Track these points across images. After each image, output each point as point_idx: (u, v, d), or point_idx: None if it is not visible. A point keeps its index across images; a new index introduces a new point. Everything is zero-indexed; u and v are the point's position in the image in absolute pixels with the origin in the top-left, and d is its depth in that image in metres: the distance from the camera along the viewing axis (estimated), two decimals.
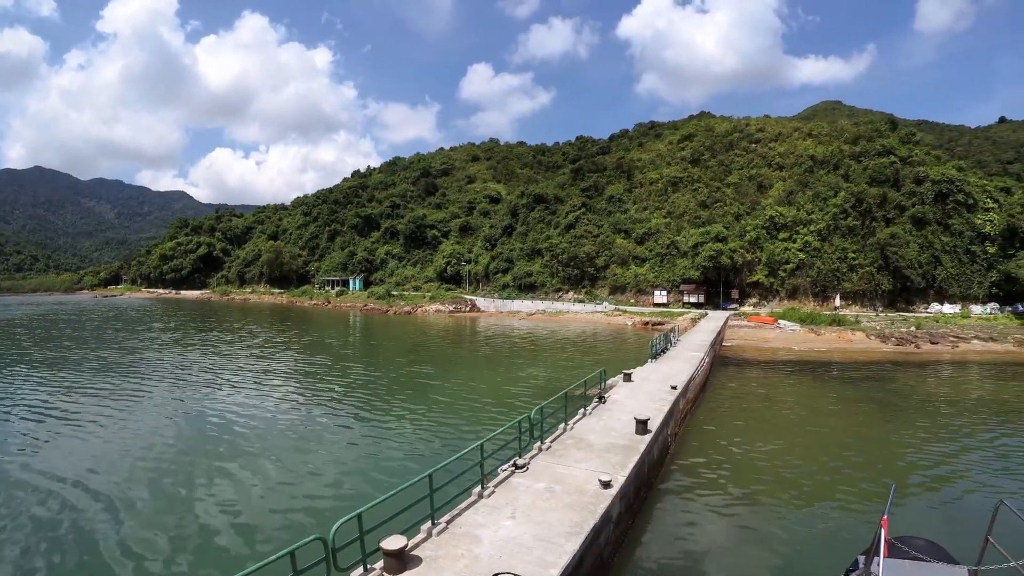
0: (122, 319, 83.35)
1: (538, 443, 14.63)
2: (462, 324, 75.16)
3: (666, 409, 18.79)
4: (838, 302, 68.97)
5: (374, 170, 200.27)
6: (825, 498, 16.31)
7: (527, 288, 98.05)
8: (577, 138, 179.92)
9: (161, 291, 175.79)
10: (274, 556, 7.12)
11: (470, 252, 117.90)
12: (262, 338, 57.44)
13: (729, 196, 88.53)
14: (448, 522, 10.17)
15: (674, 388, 21.69)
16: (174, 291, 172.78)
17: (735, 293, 76.76)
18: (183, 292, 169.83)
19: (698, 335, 42.06)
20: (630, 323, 68.59)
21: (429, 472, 9.99)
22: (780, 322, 57.55)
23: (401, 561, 8.50)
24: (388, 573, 8.44)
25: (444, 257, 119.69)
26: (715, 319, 56.05)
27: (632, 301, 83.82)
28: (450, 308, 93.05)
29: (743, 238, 78.38)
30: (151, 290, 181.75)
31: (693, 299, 77.03)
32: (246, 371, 37.57)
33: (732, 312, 67.31)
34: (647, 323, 66.15)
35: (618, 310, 77.06)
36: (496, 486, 11.99)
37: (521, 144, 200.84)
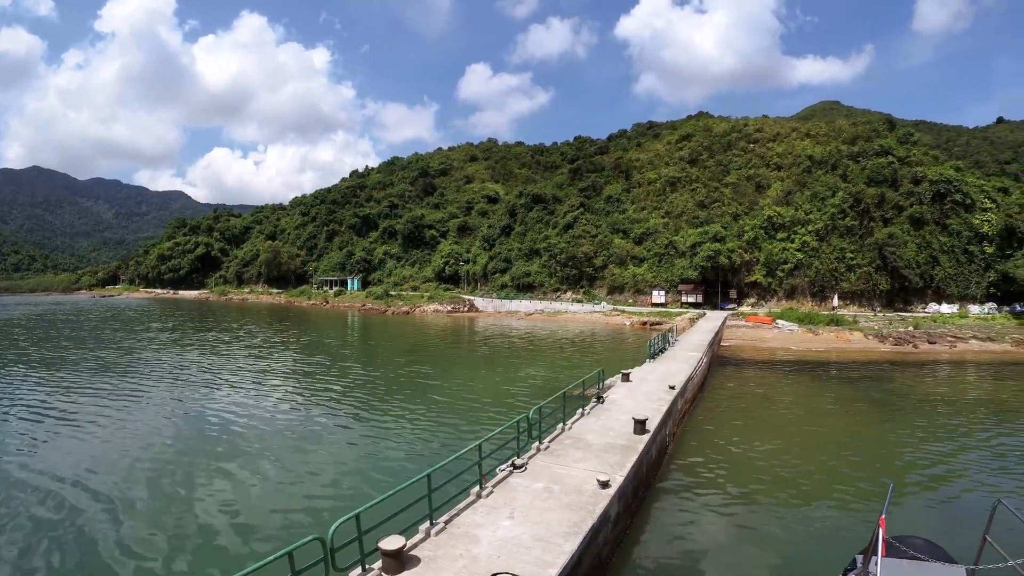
0: (120, 319, 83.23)
1: (536, 443, 14.62)
2: (460, 324, 75.14)
3: (664, 409, 18.79)
4: (836, 302, 69.08)
5: (372, 170, 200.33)
6: (823, 498, 16.33)
7: (525, 288, 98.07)
8: (575, 138, 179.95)
9: (159, 291, 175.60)
10: (272, 556, 7.10)
11: (468, 252, 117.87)
12: (260, 338, 57.39)
13: (727, 196, 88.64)
14: (446, 522, 10.16)
15: (672, 388, 21.68)
16: (172, 291, 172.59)
17: (733, 293, 76.85)
18: (181, 292, 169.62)
19: (696, 335, 42.08)
20: (628, 323, 68.62)
21: (427, 472, 9.98)
22: (778, 322, 57.62)
23: (399, 561, 8.49)
24: (386, 573, 8.42)
25: (442, 257, 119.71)
26: (713, 319, 56.07)
27: (630, 301, 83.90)
28: (448, 308, 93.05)
29: (741, 238, 78.52)
30: (149, 290, 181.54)
31: (691, 299, 77.11)
32: (244, 371, 37.54)
33: (730, 312, 67.36)
34: (645, 323, 66.19)
35: (616, 310, 77.10)
36: (494, 486, 11.98)
37: (519, 144, 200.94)
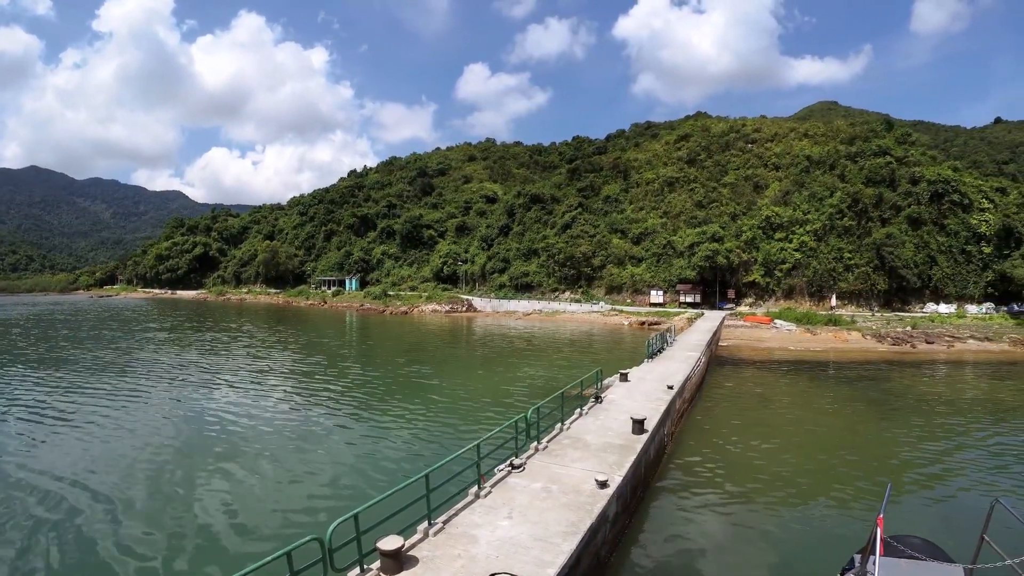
0: (118, 319, 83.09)
1: (535, 443, 14.61)
2: (458, 324, 75.11)
3: (663, 409, 18.79)
4: (834, 302, 69.14)
5: (370, 170, 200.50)
6: (821, 497, 16.35)
7: (524, 288, 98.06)
8: (574, 138, 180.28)
9: (157, 291, 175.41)
10: (271, 556, 7.09)
11: (466, 252, 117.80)
12: (258, 338, 57.34)
13: (725, 196, 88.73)
14: (445, 522, 10.15)
15: (670, 388, 21.68)
16: (170, 291, 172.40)
17: (731, 293, 76.89)
18: (179, 292, 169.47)
19: (694, 335, 42.09)
20: (626, 323, 68.64)
21: (426, 472, 9.96)
22: (776, 322, 57.68)
23: (398, 561, 8.48)
24: (385, 573, 8.41)
25: (440, 257, 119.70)
26: (711, 319, 56.10)
27: (628, 301, 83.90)
28: (446, 308, 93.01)
29: (739, 238, 78.58)
30: (147, 290, 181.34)
31: (689, 299, 77.13)
32: (243, 371, 37.50)
33: (728, 312, 67.40)
34: (643, 323, 66.22)
35: (614, 310, 77.11)
36: (493, 486, 11.97)
37: (517, 144, 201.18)
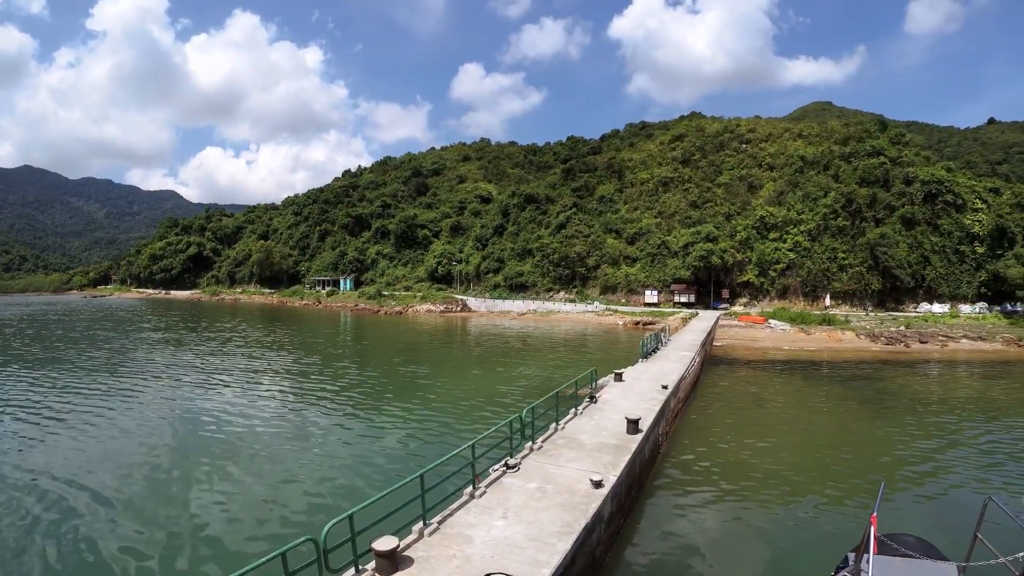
0: (112, 319, 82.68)
1: (529, 443, 14.60)
2: (453, 324, 75.05)
3: (657, 408, 18.82)
4: (828, 302, 69.38)
5: (365, 170, 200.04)
6: (815, 496, 16.40)
7: (518, 288, 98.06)
8: (568, 138, 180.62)
9: (151, 291, 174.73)
10: (265, 558, 7.07)
11: (461, 252, 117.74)
12: (253, 338, 57.15)
13: (720, 196, 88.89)
14: (440, 522, 10.13)
15: (665, 387, 21.70)
16: (164, 291, 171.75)
17: (725, 293, 77.09)
18: (173, 292, 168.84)
19: (689, 335, 42.17)
20: (621, 323, 68.73)
21: (420, 472, 9.94)
22: (770, 322, 57.86)
23: (393, 562, 8.46)
24: (380, 574, 8.39)
25: (435, 257, 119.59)
26: (706, 319, 56.24)
27: (623, 301, 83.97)
28: (441, 308, 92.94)
29: (733, 238, 78.81)
30: (141, 290, 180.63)
31: (684, 299, 77.28)
32: (237, 371, 37.37)
33: (722, 312, 67.58)
34: (638, 323, 66.32)
35: (609, 310, 77.19)
36: (488, 486, 11.96)
37: (512, 144, 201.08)
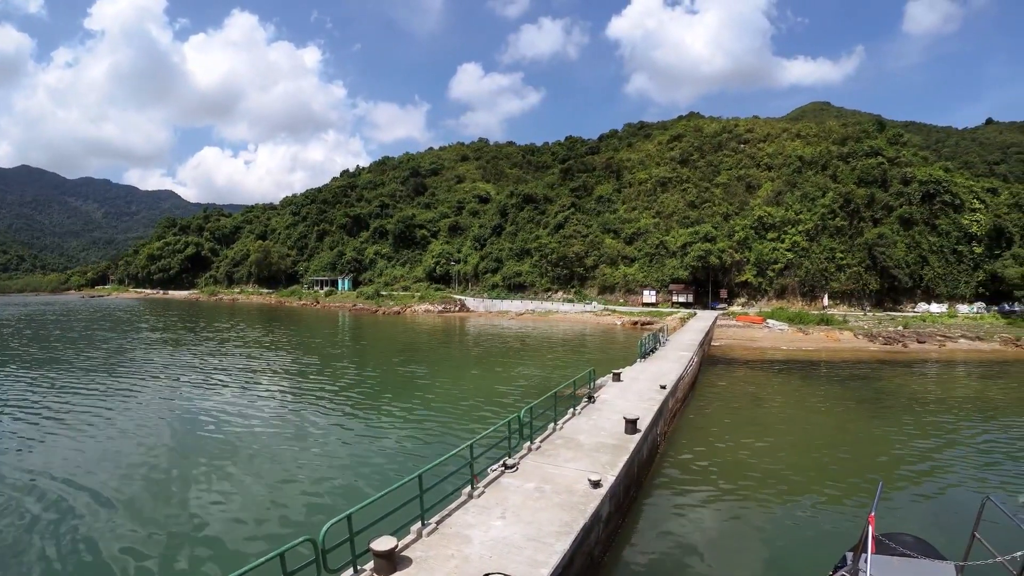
0: (110, 320, 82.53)
1: (528, 443, 14.59)
2: (451, 324, 75.02)
3: (655, 408, 18.82)
4: (826, 302, 69.46)
5: (363, 170, 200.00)
6: (813, 496, 16.42)
7: (516, 288, 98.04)
8: (566, 138, 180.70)
9: (149, 291, 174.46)
10: (264, 558, 7.06)
11: (459, 252, 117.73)
12: (251, 338, 57.08)
13: (718, 196, 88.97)
14: (438, 522, 10.13)
15: (663, 387, 21.70)
16: (162, 291, 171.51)
17: (724, 293, 77.11)
18: (171, 292, 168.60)
19: (687, 335, 42.20)
20: (619, 323, 68.74)
21: (419, 472, 9.93)
22: (768, 322, 57.89)
23: (391, 562, 8.45)
24: (378, 574, 8.39)
25: (433, 257, 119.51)
26: (704, 319, 56.27)
27: (621, 301, 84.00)
28: (439, 308, 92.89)
29: (732, 238, 78.85)
30: (139, 290, 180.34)
31: (682, 299, 77.31)
32: (236, 371, 37.33)
33: (721, 312, 67.61)
34: (636, 323, 66.33)
35: (607, 310, 77.20)
36: (486, 486, 11.95)
37: (510, 144, 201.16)
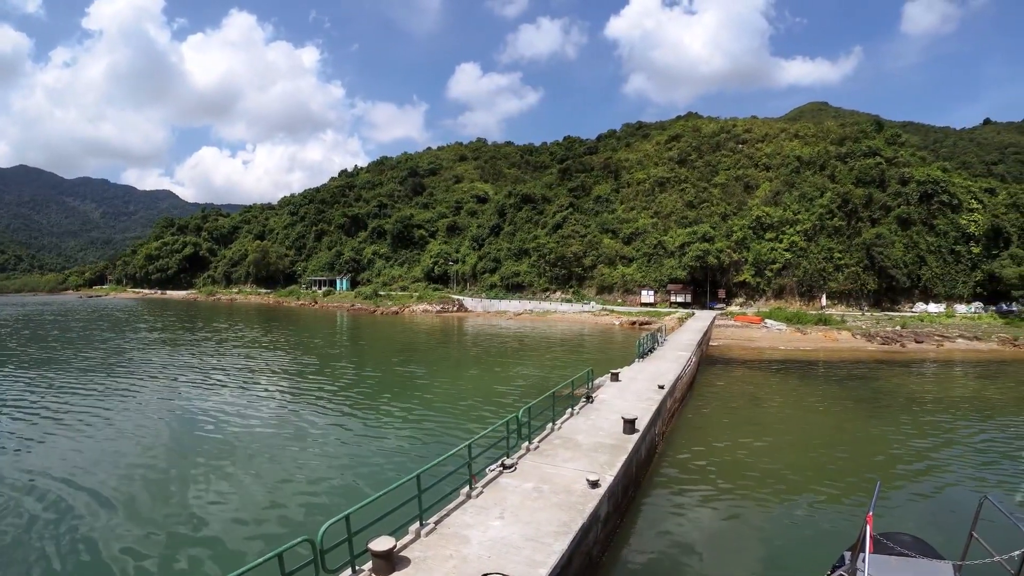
0: (108, 320, 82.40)
1: (526, 443, 14.61)
2: (450, 324, 74.99)
3: (654, 408, 18.85)
4: (824, 302, 69.51)
5: (361, 169, 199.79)
6: (811, 495, 16.45)
7: (515, 288, 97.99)
8: (565, 138, 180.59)
9: (147, 291, 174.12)
10: (262, 558, 7.06)
11: (457, 252, 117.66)
12: (249, 339, 57.02)
13: (716, 196, 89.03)
14: (436, 523, 10.14)
15: (661, 387, 21.74)
16: (160, 291, 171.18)
17: (722, 293, 77.13)
18: (169, 292, 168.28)
19: (685, 334, 42.24)
20: (617, 323, 68.75)
21: (417, 473, 9.94)
22: (766, 321, 57.93)
23: (390, 562, 8.45)
24: (377, 574, 8.40)
25: (431, 257, 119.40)
26: (702, 319, 56.31)
27: (619, 301, 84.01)
28: (437, 308, 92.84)
29: (730, 238, 78.87)
30: (136, 290, 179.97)
31: (680, 299, 77.34)
32: (234, 372, 37.29)
33: (719, 312, 67.65)
34: (634, 323, 66.34)
35: (605, 310, 77.21)
36: (484, 486, 11.96)
37: (509, 144, 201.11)
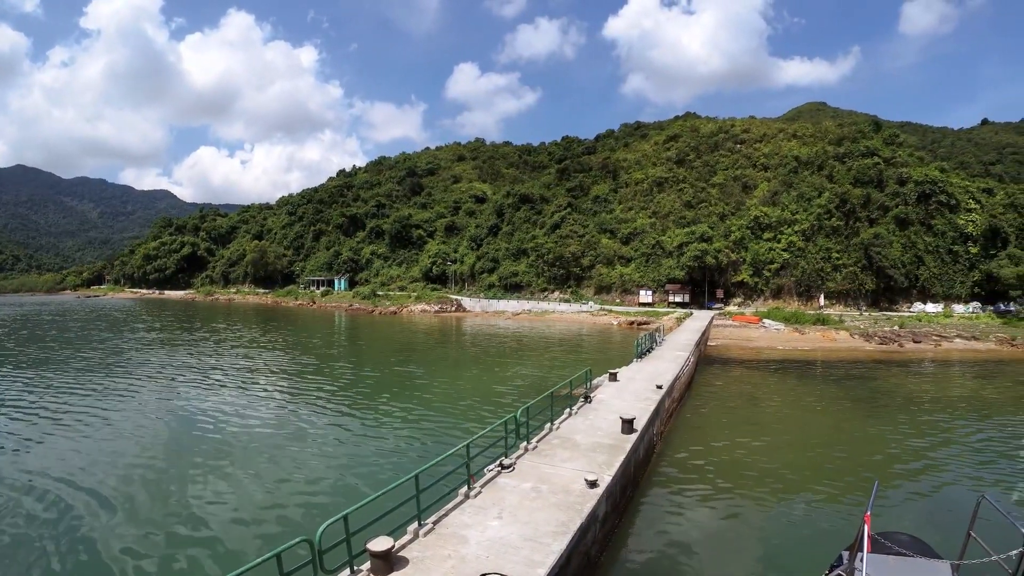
0: (107, 320, 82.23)
1: (524, 443, 14.60)
2: (448, 324, 74.97)
3: (652, 408, 18.85)
4: (822, 301, 69.62)
5: (360, 169, 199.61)
6: (809, 495, 16.46)
7: (513, 288, 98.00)
8: (563, 138, 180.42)
9: (145, 291, 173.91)
10: (260, 559, 7.05)
11: (456, 252, 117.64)
12: (248, 339, 56.93)
13: (714, 196, 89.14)
14: (435, 523, 10.13)
15: (659, 387, 21.75)
16: (158, 291, 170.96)
17: (720, 293, 77.23)
18: (167, 292, 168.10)
19: (683, 334, 42.25)
20: (615, 323, 68.77)
21: (415, 472, 9.93)
22: (765, 321, 57.98)
23: (388, 562, 8.44)
24: (375, 574, 8.39)
25: (430, 257, 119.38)
26: (700, 319, 56.34)
27: (617, 301, 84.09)
28: (436, 308, 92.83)
29: (728, 238, 78.99)
30: (134, 290, 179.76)
31: (678, 299, 77.40)
32: (232, 372, 37.23)
33: (717, 312, 67.70)
34: (632, 323, 66.37)
35: (603, 310, 77.25)
36: (483, 486, 11.95)
37: (507, 144, 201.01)
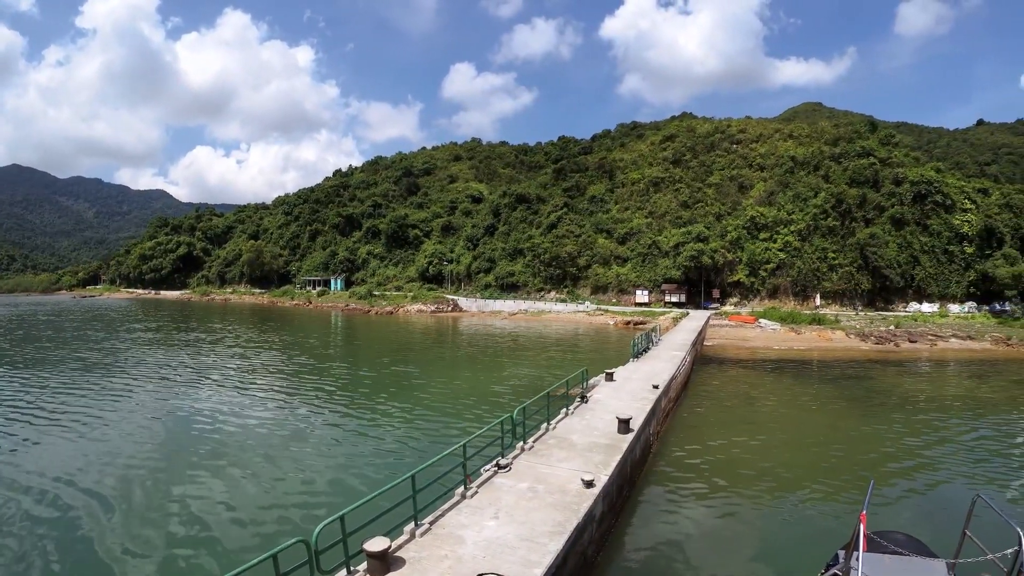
0: (103, 320, 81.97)
1: (520, 443, 14.60)
2: (444, 324, 74.94)
3: (648, 408, 18.86)
4: (818, 301, 69.78)
5: (356, 169, 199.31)
6: (805, 494, 16.50)
7: (509, 288, 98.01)
8: (559, 138, 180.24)
9: (140, 291, 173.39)
10: (256, 560, 7.03)
11: (452, 252, 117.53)
12: (244, 339, 56.83)
13: (710, 196, 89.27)
14: (431, 523, 10.12)
15: (656, 387, 21.76)
16: (154, 291, 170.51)
17: (716, 293, 77.40)
18: (163, 292, 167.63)
19: (680, 334, 42.29)
20: (612, 323, 68.82)
21: (412, 473, 9.91)
22: (761, 321, 58.08)
23: (384, 563, 8.43)
24: (371, 575, 8.38)
25: (426, 257, 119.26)
26: (696, 318, 56.42)
27: (614, 301, 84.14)
28: (432, 308, 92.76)
29: (724, 238, 79.12)
30: (130, 290, 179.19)
31: (674, 299, 77.46)
32: (228, 372, 37.18)
33: (713, 311, 67.76)
34: (629, 323, 66.43)
35: (600, 310, 77.29)
36: (479, 486, 11.94)
37: (503, 144, 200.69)
